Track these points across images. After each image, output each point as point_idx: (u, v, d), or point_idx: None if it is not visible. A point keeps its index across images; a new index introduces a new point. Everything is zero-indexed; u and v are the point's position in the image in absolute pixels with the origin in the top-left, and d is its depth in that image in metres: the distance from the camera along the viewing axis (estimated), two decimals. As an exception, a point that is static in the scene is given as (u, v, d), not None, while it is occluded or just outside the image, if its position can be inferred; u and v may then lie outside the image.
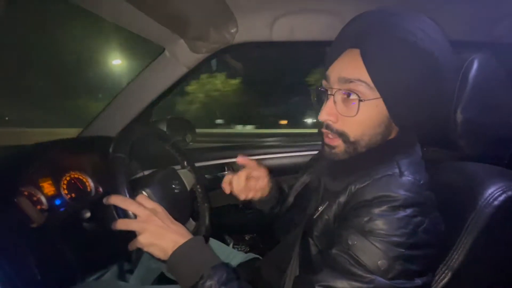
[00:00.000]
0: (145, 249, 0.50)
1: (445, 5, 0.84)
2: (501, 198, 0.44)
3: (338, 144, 0.51)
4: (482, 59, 0.57)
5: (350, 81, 0.47)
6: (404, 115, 0.48)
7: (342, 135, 0.50)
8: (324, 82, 0.52)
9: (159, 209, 0.53)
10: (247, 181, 0.66)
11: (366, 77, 0.46)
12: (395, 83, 0.45)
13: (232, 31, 0.83)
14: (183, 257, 0.48)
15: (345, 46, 0.49)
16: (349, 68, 0.47)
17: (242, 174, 0.65)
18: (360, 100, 0.46)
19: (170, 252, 0.48)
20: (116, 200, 0.51)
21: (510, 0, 0.82)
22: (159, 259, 0.50)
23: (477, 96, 0.56)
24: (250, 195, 0.67)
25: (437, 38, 0.45)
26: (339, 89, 0.48)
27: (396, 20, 0.46)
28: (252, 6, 0.80)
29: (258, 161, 0.69)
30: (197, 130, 1.24)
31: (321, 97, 0.53)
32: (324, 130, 0.52)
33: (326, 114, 0.49)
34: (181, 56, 0.91)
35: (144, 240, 0.49)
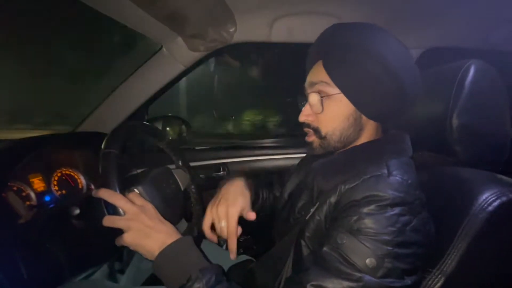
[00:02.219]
0: (131, 247, 0.49)
1: (442, 13, 0.85)
2: (495, 204, 0.44)
3: (313, 139, 0.58)
4: (478, 65, 0.57)
5: (315, 83, 0.55)
6: (367, 106, 0.53)
7: (316, 131, 0.57)
8: (304, 91, 0.60)
9: (149, 207, 0.52)
10: None
11: (326, 77, 0.54)
12: (350, 78, 0.52)
13: (231, 30, 0.82)
14: (170, 258, 0.47)
15: (314, 60, 0.58)
16: (314, 74, 0.57)
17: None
18: (322, 97, 0.54)
19: (156, 252, 0.47)
20: (105, 194, 0.50)
21: (506, 8, 0.83)
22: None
23: (473, 102, 0.56)
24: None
25: (383, 39, 0.53)
26: (310, 92, 0.56)
27: (346, 30, 0.55)
28: (252, 6, 0.80)
29: None
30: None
31: (303, 102, 0.61)
32: (305, 129, 0.59)
33: (303, 115, 0.58)
34: (178, 54, 0.90)
35: (129, 239, 0.49)
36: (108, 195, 0.50)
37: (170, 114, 1.13)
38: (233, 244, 0.58)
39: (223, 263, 0.81)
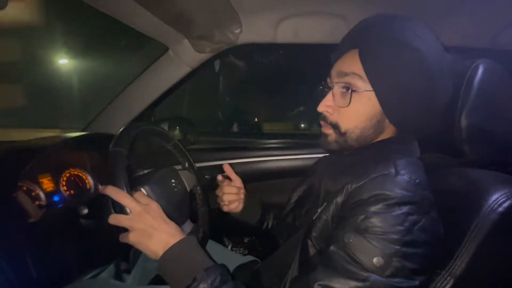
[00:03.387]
0: (135, 246, 0.49)
1: (450, 12, 0.84)
2: (506, 204, 0.44)
3: (330, 133, 0.55)
4: (487, 64, 0.56)
5: (346, 74, 0.51)
6: (395, 110, 0.51)
7: (335, 126, 0.54)
8: (328, 80, 0.56)
9: (154, 206, 0.51)
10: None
11: (360, 71, 0.50)
12: (386, 78, 0.48)
13: (236, 31, 0.83)
14: (174, 259, 0.47)
15: (347, 48, 0.54)
16: (347, 64, 0.52)
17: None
18: (352, 91, 0.50)
19: (160, 253, 0.47)
20: (111, 191, 0.49)
21: (514, 7, 0.82)
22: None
23: (482, 102, 0.55)
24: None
25: (428, 41, 0.49)
26: (337, 82, 0.52)
27: (392, 23, 0.50)
28: (257, 7, 0.81)
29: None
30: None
31: (324, 93, 0.57)
32: (321, 122, 0.56)
33: (324, 105, 0.54)
34: (185, 56, 0.91)
35: (132, 238, 0.48)
36: (114, 192, 0.50)
37: (176, 116, 1.14)
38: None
39: (229, 264, 0.82)
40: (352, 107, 0.51)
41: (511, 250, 0.46)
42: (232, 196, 0.75)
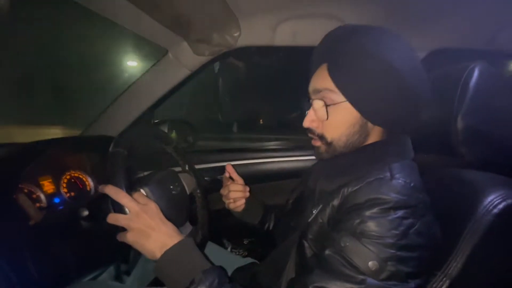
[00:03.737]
0: (133, 246, 0.49)
1: (447, 14, 0.84)
2: (501, 206, 0.44)
3: (319, 145, 0.57)
4: (482, 67, 0.57)
5: (319, 90, 0.54)
6: (373, 114, 0.52)
7: (321, 137, 0.56)
8: (308, 96, 0.59)
9: (152, 206, 0.52)
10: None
11: (331, 85, 0.52)
12: (356, 88, 0.51)
13: (235, 34, 0.83)
14: (172, 260, 0.47)
15: (317, 63, 0.57)
16: (319, 80, 0.55)
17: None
18: (328, 105, 0.53)
19: (158, 254, 0.47)
20: (110, 190, 0.50)
21: (510, 10, 0.82)
22: None
23: (478, 104, 0.56)
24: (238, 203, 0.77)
25: (391, 46, 0.51)
26: (314, 99, 0.55)
27: (356, 35, 0.52)
28: (255, 10, 0.81)
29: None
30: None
31: (307, 108, 0.60)
32: (309, 134, 0.59)
33: (308, 121, 0.57)
34: (184, 59, 0.92)
35: (130, 238, 0.49)
36: (113, 191, 0.50)
37: (176, 118, 1.15)
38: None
39: (228, 266, 0.82)
40: (332, 119, 0.54)
41: (506, 251, 0.46)
42: (238, 193, 0.76)
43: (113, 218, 0.50)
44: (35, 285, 0.57)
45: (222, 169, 1.18)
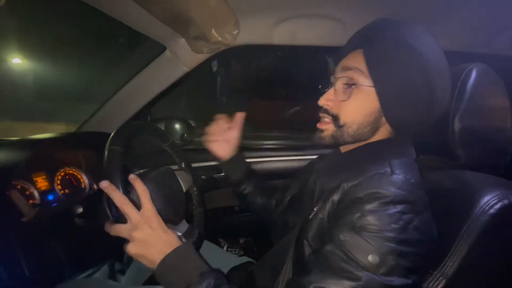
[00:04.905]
0: (134, 257, 0.50)
1: (445, 17, 0.85)
2: (497, 206, 0.44)
3: (328, 127, 0.56)
4: (480, 68, 0.57)
5: (349, 68, 0.53)
6: (393, 108, 0.51)
7: (335, 118, 0.55)
8: (331, 78, 0.57)
9: (151, 212, 0.51)
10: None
11: (363, 67, 0.52)
12: (387, 75, 0.50)
13: (234, 32, 0.83)
14: (170, 266, 0.48)
15: (352, 47, 0.56)
16: (351, 60, 0.54)
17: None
18: (353, 84, 0.52)
19: (157, 262, 0.48)
20: (113, 192, 0.49)
21: (508, 13, 0.83)
22: None
23: (474, 105, 0.56)
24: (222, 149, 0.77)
25: (430, 45, 0.50)
26: (340, 77, 0.54)
27: (397, 26, 0.52)
28: (255, 8, 0.81)
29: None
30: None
31: (326, 87, 0.58)
32: (321, 114, 0.57)
33: (325, 99, 0.55)
34: (182, 56, 0.91)
35: (132, 250, 0.49)
36: (116, 195, 0.49)
37: (173, 116, 1.14)
38: None
39: (224, 265, 0.82)
40: (352, 101, 0.52)
41: (501, 251, 0.47)
42: (218, 130, 0.77)
43: (113, 230, 0.50)
44: (27, 283, 0.56)
45: (219, 168, 1.18)
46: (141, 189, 0.52)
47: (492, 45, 0.92)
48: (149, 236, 0.49)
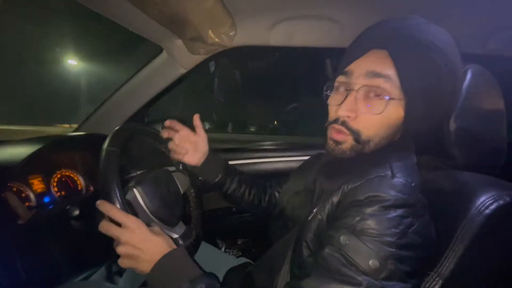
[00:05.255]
0: (125, 265, 0.50)
1: (440, 19, 0.85)
2: (492, 207, 0.44)
3: (346, 139, 0.50)
4: (475, 69, 0.58)
5: (380, 75, 0.46)
6: (417, 123, 0.49)
7: (355, 133, 0.49)
8: (341, 79, 0.51)
9: (140, 223, 0.50)
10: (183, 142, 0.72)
11: (394, 75, 0.46)
12: (419, 84, 0.46)
13: (231, 34, 0.83)
14: (161, 273, 0.48)
15: (369, 47, 0.48)
16: (378, 64, 0.47)
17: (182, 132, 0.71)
18: (390, 98, 0.46)
19: (148, 269, 0.48)
20: (104, 206, 0.49)
21: (502, 14, 0.84)
22: None
23: (470, 106, 0.57)
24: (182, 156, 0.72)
25: (451, 44, 0.48)
26: (366, 85, 0.47)
27: (419, 25, 0.48)
28: (252, 10, 0.81)
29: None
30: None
31: (336, 93, 0.52)
32: (337, 126, 0.50)
33: (348, 109, 0.48)
34: (179, 57, 0.91)
35: (123, 264, 0.50)
36: (106, 208, 0.49)
37: (170, 117, 1.14)
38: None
39: (222, 266, 0.82)
40: (382, 114, 0.47)
41: (497, 251, 0.47)
42: (182, 139, 0.72)
43: (108, 229, 0.50)
44: (23, 286, 0.56)
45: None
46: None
47: (487, 46, 0.93)
48: (139, 242, 0.49)
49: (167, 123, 0.72)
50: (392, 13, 0.84)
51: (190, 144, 0.73)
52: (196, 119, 0.72)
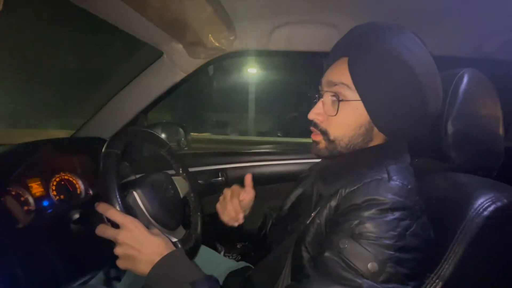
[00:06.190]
0: (122, 266, 0.49)
1: (437, 23, 0.87)
2: (491, 208, 0.45)
3: (320, 139, 0.56)
4: (471, 73, 0.59)
5: (334, 84, 0.52)
6: (383, 120, 0.51)
7: (324, 133, 0.55)
8: (319, 88, 0.57)
9: (138, 223, 0.50)
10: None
11: (348, 80, 0.51)
12: (374, 88, 0.49)
13: (231, 38, 0.84)
14: (160, 275, 0.47)
15: (337, 56, 0.55)
16: (336, 73, 0.53)
17: (235, 201, 0.70)
18: (340, 100, 0.51)
19: (147, 271, 0.47)
20: (103, 208, 0.49)
21: (498, 18, 0.85)
22: None
23: (467, 109, 0.58)
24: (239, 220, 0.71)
25: (417, 52, 0.49)
26: (326, 91, 0.53)
27: (382, 33, 0.51)
28: (251, 15, 0.82)
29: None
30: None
31: (315, 100, 0.58)
32: (311, 128, 0.57)
33: (314, 113, 0.55)
34: (179, 61, 0.92)
35: (121, 265, 0.49)
36: (103, 208, 0.49)
37: (170, 120, 1.14)
38: None
39: (222, 270, 0.82)
40: (340, 115, 0.52)
41: (496, 252, 0.47)
42: (232, 215, 0.71)
43: (106, 232, 0.49)
44: (22, 291, 0.55)
45: (216, 173, 1.18)
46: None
47: (483, 49, 0.94)
48: (136, 242, 0.48)
49: (247, 178, 0.72)
50: (389, 18, 0.85)
51: (242, 207, 0.72)
52: (249, 178, 0.72)
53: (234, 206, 0.70)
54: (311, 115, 0.55)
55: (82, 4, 0.67)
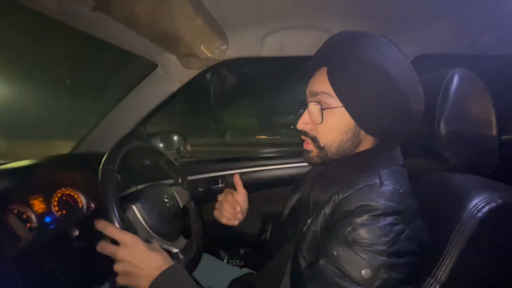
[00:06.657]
0: (122, 283, 0.50)
1: (429, 21, 0.87)
2: (485, 209, 0.45)
3: (312, 148, 0.57)
4: (462, 73, 0.59)
5: (317, 93, 0.54)
6: (367, 122, 0.52)
7: (314, 140, 0.56)
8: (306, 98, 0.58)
9: (137, 240, 0.51)
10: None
11: (329, 89, 0.52)
12: (354, 94, 0.51)
13: (223, 47, 0.85)
14: None
15: (317, 66, 0.57)
16: (317, 83, 0.55)
17: (230, 198, 0.71)
18: (323, 108, 0.53)
19: (147, 287, 0.48)
20: (102, 225, 0.50)
21: (490, 15, 0.85)
22: None
23: (459, 109, 0.58)
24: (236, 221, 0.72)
25: (391, 56, 0.51)
26: (310, 101, 0.55)
27: (357, 42, 0.53)
28: (242, 22, 0.83)
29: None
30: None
31: (302, 110, 0.59)
32: (302, 137, 0.59)
33: (302, 123, 0.57)
34: (174, 72, 0.93)
35: (121, 281, 0.50)
36: (102, 226, 0.50)
37: (168, 130, 1.15)
38: None
39: (225, 278, 0.82)
40: (326, 123, 0.53)
41: (492, 253, 0.47)
42: (230, 211, 0.72)
43: (102, 246, 0.50)
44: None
45: (216, 179, 1.19)
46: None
47: (476, 46, 0.94)
48: (135, 259, 0.49)
49: (236, 178, 0.73)
50: (381, 20, 0.86)
51: (237, 209, 0.72)
52: (237, 178, 0.73)
53: (231, 202, 0.71)
54: (300, 125, 0.57)
55: (74, 24, 0.68)
